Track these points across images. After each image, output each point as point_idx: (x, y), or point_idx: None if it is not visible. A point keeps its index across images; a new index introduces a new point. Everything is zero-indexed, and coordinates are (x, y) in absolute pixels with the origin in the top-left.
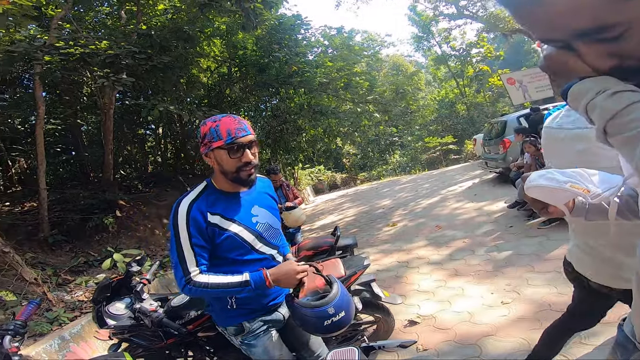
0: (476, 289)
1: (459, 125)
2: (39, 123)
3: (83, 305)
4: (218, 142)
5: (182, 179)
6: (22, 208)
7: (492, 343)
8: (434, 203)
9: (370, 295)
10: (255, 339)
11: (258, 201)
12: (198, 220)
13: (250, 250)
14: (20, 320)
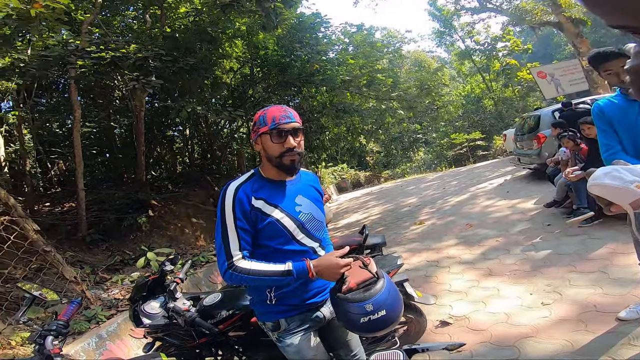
0: (513, 289)
1: (486, 121)
2: (76, 126)
3: (119, 304)
4: (264, 128)
5: (209, 179)
6: (61, 208)
7: (532, 345)
8: (463, 201)
9: (403, 295)
10: (291, 337)
11: (303, 191)
12: (243, 203)
13: (290, 239)
14: (63, 320)
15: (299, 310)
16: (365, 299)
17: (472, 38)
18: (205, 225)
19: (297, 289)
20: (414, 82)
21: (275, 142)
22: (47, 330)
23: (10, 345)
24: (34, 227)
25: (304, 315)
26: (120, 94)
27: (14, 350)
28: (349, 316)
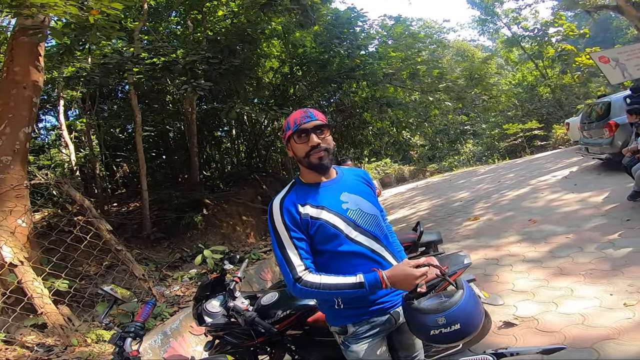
0: (589, 289)
1: (543, 110)
2: (137, 130)
3: (180, 300)
4: (289, 132)
5: (257, 177)
6: (127, 208)
7: (614, 347)
8: (523, 195)
9: None
10: (356, 342)
11: (347, 188)
12: (291, 213)
13: (345, 239)
14: (140, 321)
15: (368, 315)
16: (438, 311)
17: (519, 24)
18: (254, 223)
19: None
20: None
21: (299, 142)
22: (127, 332)
23: (86, 342)
24: (107, 227)
25: (373, 320)
26: (171, 98)
27: (90, 347)
28: (420, 326)
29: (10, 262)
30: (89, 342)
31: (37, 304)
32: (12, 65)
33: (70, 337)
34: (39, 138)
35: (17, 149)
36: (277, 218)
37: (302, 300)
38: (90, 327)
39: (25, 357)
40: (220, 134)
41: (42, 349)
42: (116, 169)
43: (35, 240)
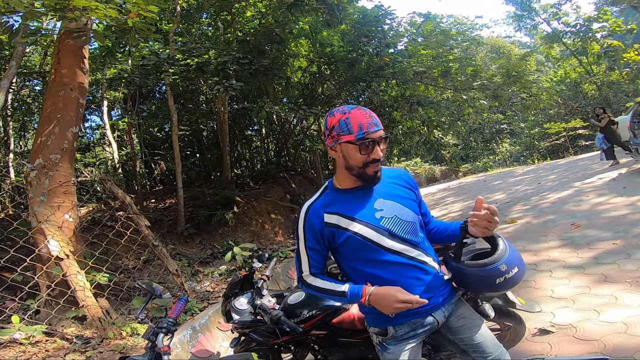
0: (635, 297)
1: (588, 107)
2: (174, 130)
3: (210, 296)
4: (348, 137)
5: (286, 176)
6: (164, 205)
7: None
8: (565, 197)
9: (503, 302)
10: (395, 344)
11: (382, 194)
12: (313, 224)
13: (378, 249)
14: (172, 317)
15: (410, 318)
16: (496, 260)
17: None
18: (283, 221)
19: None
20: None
21: (363, 153)
22: (160, 327)
23: (121, 335)
24: (145, 222)
25: (414, 322)
26: (204, 98)
27: (124, 340)
28: (484, 279)
29: (56, 255)
30: (124, 335)
31: (79, 296)
32: (60, 68)
33: (107, 329)
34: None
35: (66, 148)
36: (300, 223)
37: (328, 301)
38: (126, 321)
39: (64, 349)
40: (251, 133)
41: (80, 340)
42: (154, 167)
43: (80, 234)
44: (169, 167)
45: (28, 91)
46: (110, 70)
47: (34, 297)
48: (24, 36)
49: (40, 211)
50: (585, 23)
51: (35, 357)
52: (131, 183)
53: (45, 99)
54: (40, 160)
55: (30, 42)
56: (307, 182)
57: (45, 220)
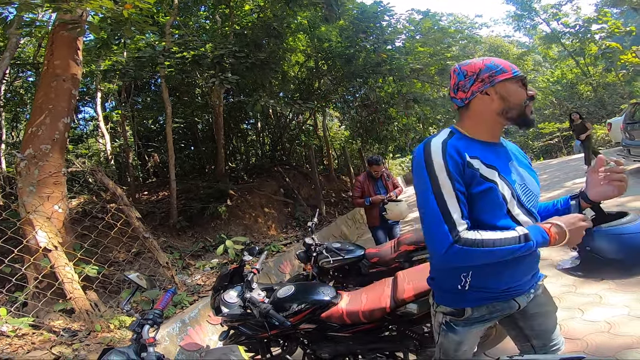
0: (619, 297)
1: (583, 108)
2: (168, 122)
3: (200, 289)
4: (505, 75)
5: (280, 170)
6: (156, 197)
7: (636, 356)
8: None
9: None
10: (464, 326)
11: (515, 157)
12: (456, 160)
13: (505, 213)
14: (159, 309)
15: (494, 299)
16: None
17: (559, 20)
18: (276, 215)
19: (503, 272)
20: None
21: (524, 88)
22: (145, 319)
23: (109, 328)
24: (136, 214)
25: (496, 304)
26: (200, 91)
27: (112, 333)
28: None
29: (44, 247)
30: (112, 328)
31: (67, 289)
32: (53, 59)
33: (94, 322)
34: (78, 128)
35: (57, 138)
36: (436, 162)
37: (317, 295)
38: (114, 313)
39: (51, 342)
40: (246, 127)
41: (67, 333)
42: (147, 159)
43: (69, 225)
44: (163, 159)
45: (21, 82)
46: (105, 62)
47: (22, 289)
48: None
49: (29, 201)
50: (585, 24)
51: (22, 349)
52: (124, 175)
53: (38, 90)
54: (31, 151)
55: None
56: (302, 177)
57: (34, 210)
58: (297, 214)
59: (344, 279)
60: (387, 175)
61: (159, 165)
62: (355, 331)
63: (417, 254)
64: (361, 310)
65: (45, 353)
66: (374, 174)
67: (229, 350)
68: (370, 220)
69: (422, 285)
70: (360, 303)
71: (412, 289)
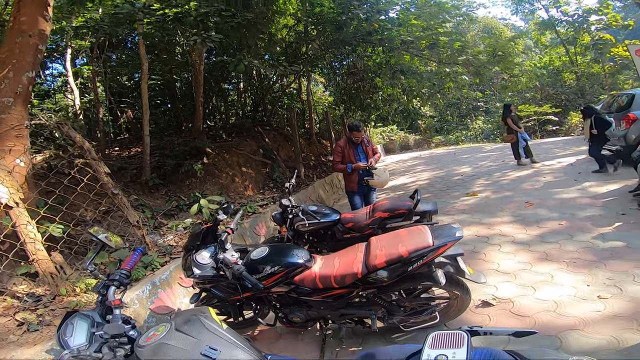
0: (569, 277)
1: (563, 95)
2: (144, 78)
3: (172, 250)
4: None
5: (260, 130)
6: (128, 153)
7: (576, 337)
8: (524, 177)
9: (454, 270)
10: None
11: None
12: None
13: None
14: (126, 269)
15: None
16: None
17: (559, 8)
18: (253, 175)
19: None
20: (484, 48)
21: None
22: (111, 280)
23: (75, 292)
24: (105, 169)
25: None
26: (181, 50)
27: (78, 297)
28: None
29: (5, 203)
30: (78, 291)
31: (29, 249)
32: (19, 16)
33: (59, 286)
34: (44, 84)
35: (20, 92)
36: None
37: (291, 257)
38: (81, 276)
39: (14, 308)
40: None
41: (31, 298)
42: (120, 115)
43: (32, 181)
44: (137, 115)
45: None
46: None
47: None
48: None
49: None
50: (584, 14)
51: None
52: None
53: (2, 46)
54: None
55: None
56: (282, 138)
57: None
58: (275, 175)
59: (318, 243)
60: (367, 141)
61: (132, 121)
62: (327, 296)
63: (391, 222)
64: (333, 275)
65: (9, 320)
66: (354, 139)
67: (199, 312)
68: (349, 185)
69: (393, 252)
70: (333, 268)
71: (383, 255)
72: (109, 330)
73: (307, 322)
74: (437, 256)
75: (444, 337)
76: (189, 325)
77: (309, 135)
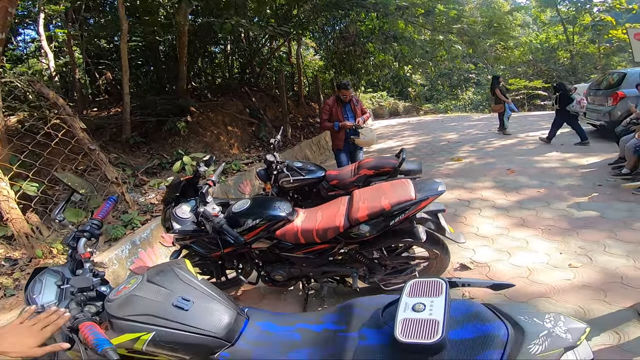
0: (543, 244)
1: (555, 72)
2: (123, 38)
3: (154, 209)
4: None
5: (247, 90)
6: (108, 113)
7: (545, 305)
8: (508, 145)
9: (435, 227)
10: None
11: None
12: None
13: None
14: (97, 219)
15: None
16: None
17: None
18: (239, 134)
19: None
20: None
21: None
22: (81, 231)
23: (51, 253)
24: (81, 125)
25: None
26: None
27: (55, 259)
28: None
29: None
30: (55, 252)
31: (3, 208)
32: None
33: (35, 247)
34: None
35: None
36: None
37: (273, 210)
38: (58, 237)
39: None
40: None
41: (8, 262)
42: (98, 77)
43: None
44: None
45: None
46: None
47: None
48: None
49: None
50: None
51: None
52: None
53: None
54: None
55: None
56: (269, 99)
57: None
58: (262, 134)
59: (303, 201)
60: (356, 100)
61: (111, 83)
62: (309, 251)
63: (376, 179)
64: (315, 228)
65: None
66: (343, 97)
67: (174, 264)
68: (336, 143)
69: (376, 204)
70: (315, 221)
71: (366, 208)
72: (75, 283)
73: (289, 281)
74: (419, 210)
75: (422, 285)
76: (161, 276)
77: (297, 97)
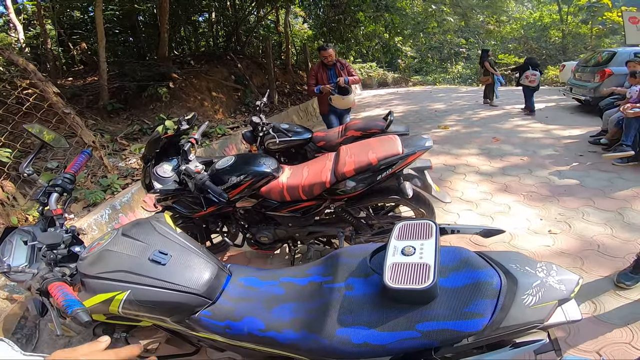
0: (524, 210)
1: (545, 50)
2: (98, 5)
3: (135, 173)
4: None
5: (233, 57)
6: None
7: None
8: (494, 116)
9: (421, 184)
10: None
11: None
12: None
13: None
14: (70, 172)
15: None
16: None
17: None
18: (224, 100)
19: None
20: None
21: None
22: (52, 186)
23: (27, 220)
24: (54, 89)
25: None
26: None
27: None
28: None
29: None
30: (31, 220)
31: None
32: None
33: (10, 215)
34: None
35: None
36: None
37: (258, 166)
38: (33, 204)
39: None
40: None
41: None
42: (73, 47)
43: None
44: (93, 47)
45: None
46: None
47: None
48: None
49: None
50: None
51: None
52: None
53: None
54: None
55: None
56: (255, 66)
57: None
58: (248, 100)
59: (289, 163)
60: (342, 64)
61: (87, 53)
62: (294, 209)
63: None
64: (301, 185)
65: None
66: (324, 60)
67: (153, 218)
68: (322, 107)
69: (363, 159)
70: (301, 177)
71: (352, 162)
72: (43, 240)
73: (275, 243)
74: (406, 165)
75: (411, 227)
76: (137, 229)
77: (284, 66)
